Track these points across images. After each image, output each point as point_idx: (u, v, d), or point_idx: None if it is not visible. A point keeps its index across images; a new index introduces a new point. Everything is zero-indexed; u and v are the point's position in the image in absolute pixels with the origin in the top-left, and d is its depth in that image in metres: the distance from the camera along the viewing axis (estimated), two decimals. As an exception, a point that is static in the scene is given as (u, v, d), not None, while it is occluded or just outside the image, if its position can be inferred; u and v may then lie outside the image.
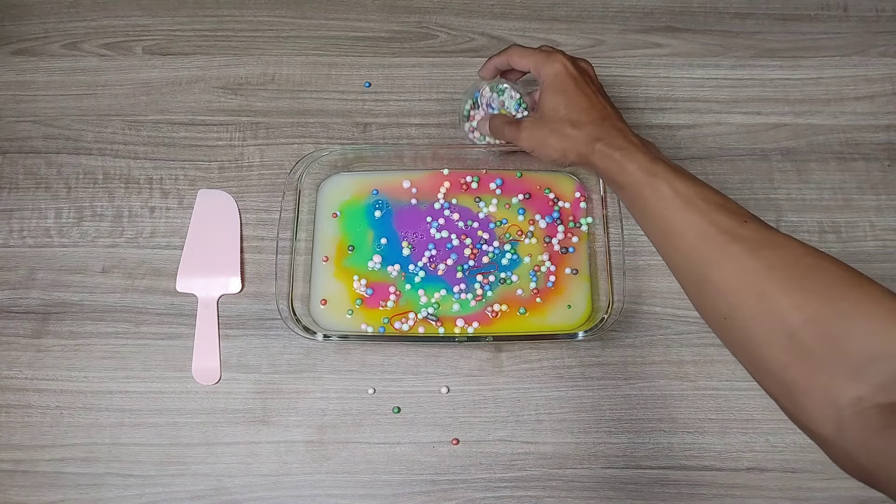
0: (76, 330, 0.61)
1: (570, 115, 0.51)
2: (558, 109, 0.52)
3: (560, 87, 0.52)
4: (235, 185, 0.66)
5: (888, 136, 0.69)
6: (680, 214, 0.43)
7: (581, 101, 0.52)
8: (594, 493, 0.57)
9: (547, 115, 0.52)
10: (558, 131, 0.51)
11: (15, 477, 0.57)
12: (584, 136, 0.50)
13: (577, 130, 0.50)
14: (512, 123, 0.55)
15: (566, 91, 0.52)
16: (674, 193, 0.44)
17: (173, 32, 0.72)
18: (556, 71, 0.53)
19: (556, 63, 0.53)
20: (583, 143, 0.50)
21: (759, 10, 0.74)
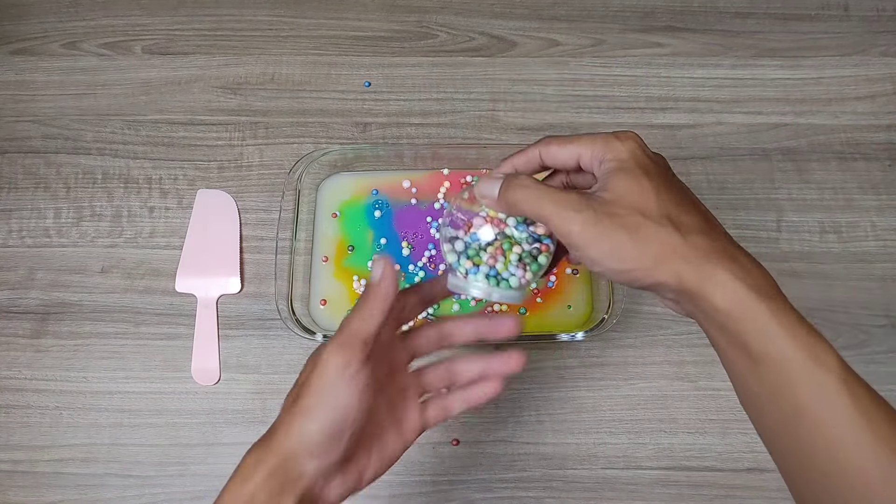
0: (75, 330, 0.61)
1: (667, 210, 0.34)
2: (648, 197, 0.34)
3: (644, 170, 0.36)
4: (235, 185, 0.66)
5: (889, 135, 0.68)
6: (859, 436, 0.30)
7: (679, 195, 0.36)
8: (594, 494, 0.57)
9: (621, 204, 0.34)
10: (643, 230, 0.33)
11: (14, 477, 0.57)
12: (691, 248, 0.33)
13: (680, 235, 0.33)
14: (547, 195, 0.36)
15: (658, 175, 0.36)
16: (852, 403, 0.30)
17: (173, 32, 0.72)
18: (633, 149, 0.37)
19: (630, 141, 0.37)
20: (685, 259, 0.33)
21: (760, 10, 0.74)
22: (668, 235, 0.33)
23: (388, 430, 0.40)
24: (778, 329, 0.31)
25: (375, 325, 0.36)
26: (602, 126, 0.68)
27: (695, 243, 0.33)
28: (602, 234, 0.34)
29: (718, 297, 0.32)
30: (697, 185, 0.66)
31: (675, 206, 0.35)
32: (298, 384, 0.37)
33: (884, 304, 0.62)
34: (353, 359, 0.35)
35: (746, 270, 0.33)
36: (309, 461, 0.35)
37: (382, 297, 0.37)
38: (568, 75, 0.70)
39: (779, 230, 0.65)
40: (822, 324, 0.61)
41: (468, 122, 0.68)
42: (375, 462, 0.39)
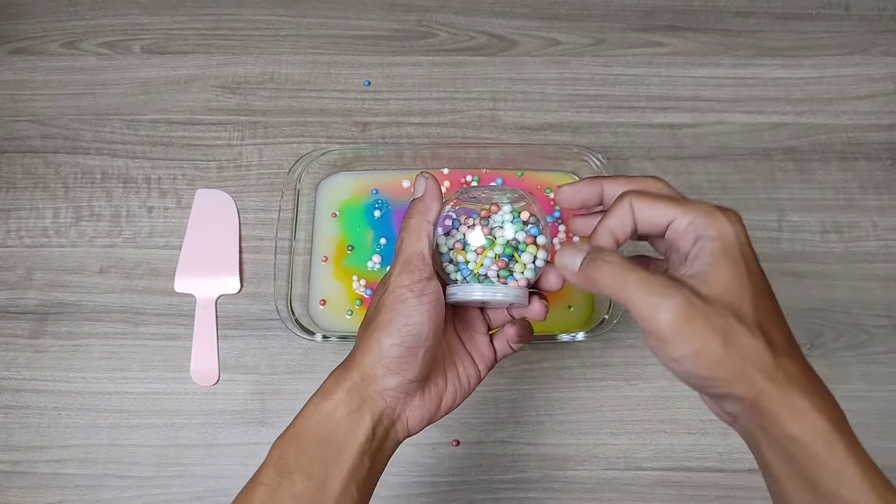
0: (74, 330, 0.61)
1: (761, 318, 0.31)
2: (745, 298, 0.31)
3: (746, 263, 0.32)
4: (234, 185, 0.66)
5: (890, 135, 0.68)
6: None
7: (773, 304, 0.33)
8: (595, 495, 0.57)
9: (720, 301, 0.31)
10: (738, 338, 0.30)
11: (13, 478, 0.57)
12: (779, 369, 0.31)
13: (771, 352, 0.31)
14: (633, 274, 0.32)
15: (758, 275, 0.32)
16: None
17: (172, 31, 0.72)
18: (738, 234, 0.32)
19: (738, 223, 0.33)
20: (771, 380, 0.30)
21: (761, 9, 0.73)
22: (760, 351, 0.30)
23: (463, 358, 0.42)
24: (855, 471, 0.29)
25: (426, 241, 0.38)
26: (602, 126, 0.68)
27: (783, 364, 0.31)
28: (693, 334, 0.30)
29: (796, 427, 0.30)
30: (698, 185, 0.66)
31: (768, 317, 0.32)
32: (371, 309, 0.39)
33: (885, 304, 0.62)
34: (416, 278, 0.37)
35: (826, 402, 0.31)
36: (387, 377, 0.36)
37: (426, 211, 0.38)
38: (568, 74, 0.70)
39: (780, 230, 0.65)
40: (823, 324, 0.61)
41: (468, 121, 0.68)
42: (452, 388, 0.41)
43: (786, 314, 0.65)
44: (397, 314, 0.36)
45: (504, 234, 0.40)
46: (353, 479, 0.36)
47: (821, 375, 0.62)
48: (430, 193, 0.39)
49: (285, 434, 0.37)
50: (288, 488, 0.35)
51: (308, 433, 0.36)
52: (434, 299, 0.37)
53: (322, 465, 0.35)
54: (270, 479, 0.35)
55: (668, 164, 0.67)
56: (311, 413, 0.36)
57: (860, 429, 0.60)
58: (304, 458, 0.35)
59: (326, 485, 0.35)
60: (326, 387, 0.37)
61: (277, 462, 0.36)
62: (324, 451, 0.35)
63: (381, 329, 0.37)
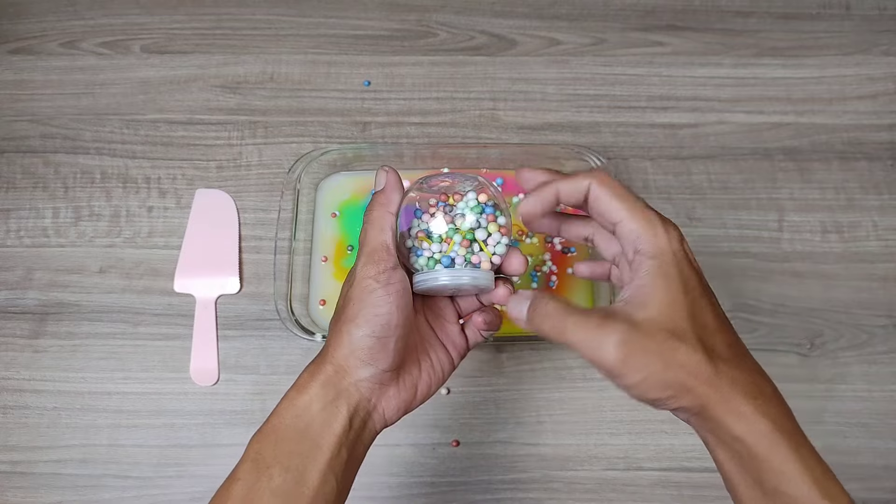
0: (73, 330, 0.61)
1: (699, 332, 0.33)
2: (681, 315, 0.33)
3: (686, 279, 0.33)
4: (234, 185, 0.66)
5: (891, 135, 0.68)
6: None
7: (712, 314, 0.34)
8: (595, 495, 0.57)
9: (655, 324, 0.33)
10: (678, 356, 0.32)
11: (12, 478, 0.57)
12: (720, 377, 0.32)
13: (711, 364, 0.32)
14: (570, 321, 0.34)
15: (694, 289, 0.33)
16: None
17: (171, 31, 0.72)
18: (676, 250, 0.34)
19: (676, 239, 0.34)
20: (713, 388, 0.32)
21: (761, 9, 0.73)
22: (701, 364, 0.32)
23: (436, 347, 0.42)
24: (796, 467, 0.31)
25: (390, 232, 0.38)
26: (603, 125, 0.68)
27: (723, 372, 0.32)
28: (635, 364, 0.32)
29: (739, 430, 0.32)
30: (699, 185, 0.66)
31: (707, 327, 0.33)
32: (340, 302, 0.39)
33: (885, 304, 0.62)
34: (381, 268, 0.37)
35: (770, 403, 0.32)
36: (361, 368, 0.37)
37: (387, 202, 0.39)
38: (568, 74, 0.70)
39: (780, 230, 0.65)
40: (824, 324, 0.61)
41: (468, 121, 0.68)
42: (426, 376, 0.41)
43: (786, 314, 0.65)
44: (365, 305, 0.37)
45: (465, 221, 0.40)
46: (331, 471, 0.36)
47: (821, 376, 0.62)
48: (390, 186, 0.40)
49: (262, 430, 0.37)
50: (266, 482, 0.35)
51: (284, 427, 0.36)
52: (401, 288, 0.37)
53: (299, 458, 0.35)
54: (248, 474, 0.35)
55: (668, 164, 0.67)
56: (287, 408, 0.37)
57: (860, 428, 0.60)
58: (281, 452, 0.35)
59: (304, 477, 0.35)
60: (301, 381, 0.37)
61: (255, 457, 0.36)
62: (301, 444, 0.36)
63: (350, 321, 0.37)
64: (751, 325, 0.61)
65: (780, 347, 0.61)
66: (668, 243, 0.34)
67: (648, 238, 0.34)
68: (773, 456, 0.31)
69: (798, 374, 0.60)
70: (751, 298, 0.62)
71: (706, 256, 0.63)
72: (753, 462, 0.32)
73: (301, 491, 0.35)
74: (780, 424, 0.32)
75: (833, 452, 0.57)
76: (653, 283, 0.33)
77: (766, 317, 0.62)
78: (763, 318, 0.62)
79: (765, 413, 0.32)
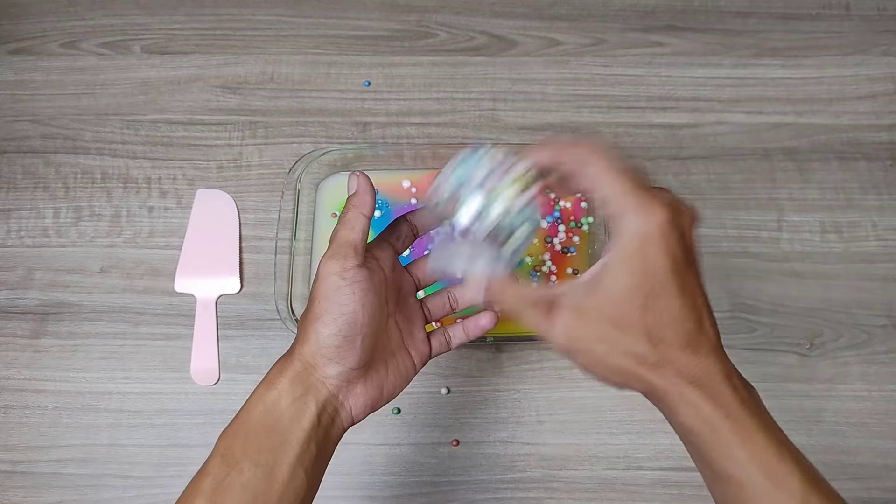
0: (74, 330, 0.61)
1: (649, 322, 0.33)
2: (632, 305, 0.33)
3: (650, 266, 0.32)
4: (234, 185, 0.66)
5: (890, 135, 0.68)
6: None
7: (673, 303, 0.33)
8: (595, 495, 0.57)
9: (608, 305, 0.33)
10: (619, 343, 0.33)
11: (13, 478, 0.57)
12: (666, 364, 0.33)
13: (654, 351, 0.33)
14: (538, 304, 0.35)
15: (656, 276, 0.32)
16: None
17: (172, 31, 0.72)
18: (650, 232, 0.32)
19: (659, 214, 0.32)
20: (657, 375, 0.33)
21: (761, 9, 0.73)
22: (644, 353, 0.33)
23: (401, 349, 0.43)
24: (742, 453, 0.32)
25: (360, 233, 0.39)
26: (602, 126, 0.68)
27: (671, 360, 0.33)
28: (581, 351, 0.34)
29: (685, 414, 0.33)
30: (698, 185, 0.66)
31: (663, 318, 0.33)
32: (309, 301, 0.39)
33: (885, 304, 0.62)
34: (347, 265, 0.37)
35: (721, 390, 0.33)
36: (328, 366, 0.37)
37: (361, 205, 0.40)
38: (568, 74, 0.70)
39: (780, 230, 0.65)
40: (823, 324, 0.61)
41: (468, 121, 0.68)
42: (393, 377, 0.41)
43: (786, 314, 0.65)
44: (331, 303, 0.37)
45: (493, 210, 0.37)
46: (300, 465, 0.36)
47: (820, 375, 0.63)
48: (363, 189, 0.40)
49: (231, 426, 0.37)
50: (236, 477, 0.35)
51: (254, 423, 0.36)
52: (367, 286, 0.38)
53: (269, 452, 0.36)
54: (218, 469, 0.35)
55: (669, 164, 0.67)
56: (256, 403, 0.37)
57: (860, 428, 0.60)
58: (250, 447, 0.36)
59: (274, 472, 0.35)
60: (270, 377, 0.38)
61: (224, 453, 0.36)
62: (270, 439, 0.36)
63: (317, 319, 0.37)
64: (750, 325, 0.61)
65: (779, 347, 0.61)
66: (643, 228, 0.32)
67: (623, 224, 0.32)
68: (718, 442, 0.32)
69: (798, 373, 0.60)
70: (750, 298, 0.62)
71: (706, 257, 0.62)
72: (701, 447, 0.33)
73: (271, 485, 0.35)
74: (730, 411, 0.32)
75: (833, 452, 0.58)
76: (611, 272, 0.33)
77: (765, 317, 0.62)
78: (763, 318, 0.62)
79: (712, 399, 0.32)
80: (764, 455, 0.32)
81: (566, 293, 0.35)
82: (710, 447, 0.33)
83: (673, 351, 0.33)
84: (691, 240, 0.34)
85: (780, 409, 0.61)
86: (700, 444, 0.33)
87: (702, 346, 0.33)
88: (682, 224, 0.33)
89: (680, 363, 0.33)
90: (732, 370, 0.34)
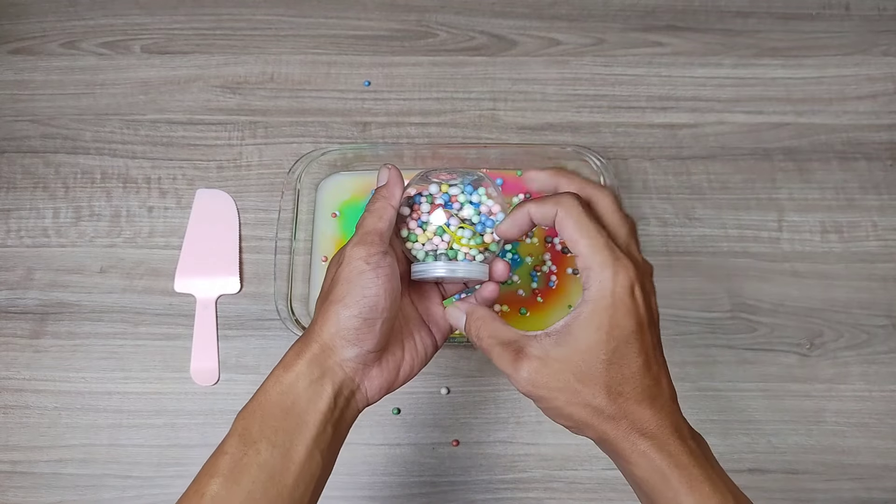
0: (74, 330, 0.61)
1: (611, 376, 0.35)
2: (596, 359, 0.35)
3: (616, 325, 0.35)
4: (234, 185, 0.66)
5: (891, 135, 0.68)
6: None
7: (635, 361, 0.35)
8: (595, 495, 0.57)
9: (574, 357, 0.35)
10: (579, 395, 0.35)
11: (13, 478, 0.57)
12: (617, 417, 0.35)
13: (612, 404, 0.35)
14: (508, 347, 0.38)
15: (622, 335, 0.35)
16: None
17: (172, 31, 0.72)
18: (617, 295, 0.35)
19: (622, 284, 0.35)
20: (612, 426, 0.35)
21: (761, 9, 0.73)
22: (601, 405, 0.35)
23: (420, 328, 0.43)
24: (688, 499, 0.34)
25: (387, 222, 0.40)
26: (603, 125, 0.68)
27: (626, 412, 0.35)
28: (542, 397, 0.36)
29: (635, 462, 0.35)
30: (698, 185, 0.66)
31: (623, 371, 0.35)
32: (327, 283, 0.40)
33: (885, 304, 0.62)
34: (373, 251, 0.38)
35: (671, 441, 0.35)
36: (346, 348, 0.38)
37: (389, 196, 0.41)
38: (568, 74, 0.70)
39: (780, 230, 0.65)
40: (823, 324, 0.61)
41: (468, 121, 0.68)
42: (409, 358, 0.42)
43: (786, 314, 0.65)
44: (354, 286, 0.37)
45: (463, 213, 0.42)
46: (316, 447, 0.37)
47: (821, 375, 0.63)
48: (393, 181, 0.41)
49: (248, 406, 0.38)
50: (253, 456, 0.35)
51: (271, 404, 0.37)
52: (390, 273, 0.38)
53: (285, 434, 0.36)
54: (235, 448, 0.36)
55: (669, 164, 0.67)
56: (274, 385, 0.37)
57: (860, 428, 0.60)
58: (268, 428, 0.36)
59: (290, 452, 0.36)
60: (287, 359, 0.38)
61: (242, 433, 0.36)
62: (287, 420, 0.36)
63: (338, 301, 0.38)
64: (750, 325, 0.61)
65: (779, 347, 0.61)
66: (613, 288, 0.35)
67: (594, 281, 0.35)
68: (667, 489, 0.34)
69: (798, 373, 0.60)
70: (751, 298, 0.62)
71: (706, 256, 0.63)
72: (651, 494, 0.35)
73: (287, 466, 0.36)
74: (679, 461, 0.34)
75: (833, 452, 0.58)
76: (580, 326, 0.36)
77: (765, 317, 0.62)
78: (763, 318, 0.62)
79: (662, 449, 0.34)
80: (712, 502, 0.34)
81: (535, 342, 0.37)
82: (659, 494, 0.34)
83: (630, 404, 0.35)
84: (653, 300, 0.37)
85: (780, 409, 0.61)
86: (650, 491, 0.35)
87: (657, 399, 0.36)
88: (646, 285, 0.36)
89: (635, 416, 0.35)
90: (683, 423, 0.36)
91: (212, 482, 0.35)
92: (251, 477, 0.35)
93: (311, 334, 0.38)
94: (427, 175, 0.44)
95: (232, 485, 0.35)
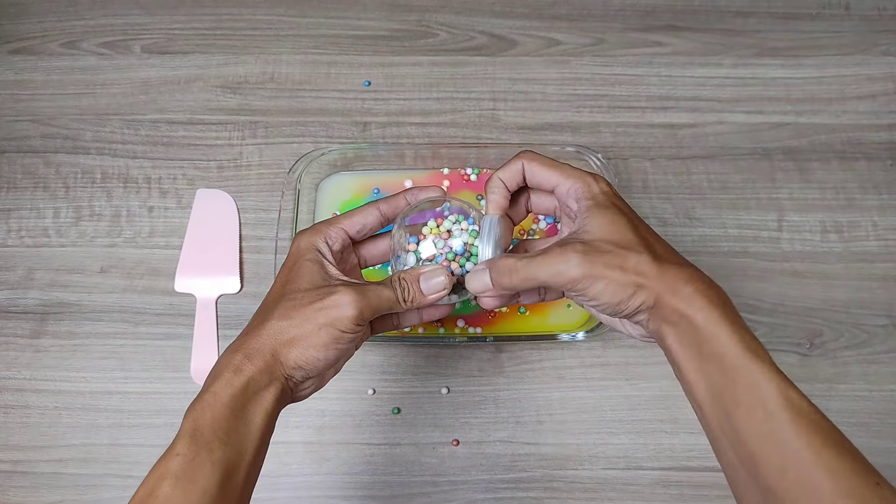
0: (74, 330, 0.61)
1: (643, 239, 0.39)
2: (623, 230, 0.39)
3: (617, 207, 0.40)
4: (234, 185, 0.66)
5: (890, 135, 0.68)
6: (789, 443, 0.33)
7: (646, 227, 0.41)
8: (595, 495, 0.57)
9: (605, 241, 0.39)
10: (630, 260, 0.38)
11: (13, 478, 0.57)
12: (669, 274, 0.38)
13: (658, 264, 0.38)
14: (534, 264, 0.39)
15: (623, 211, 0.40)
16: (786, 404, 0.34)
17: (172, 31, 0.72)
18: (605, 190, 0.41)
19: (603, 182, 0.42)
20: (664, 284, 0.37)
21: (761, 9, 0.73)
22: (649, 264, 0.38)
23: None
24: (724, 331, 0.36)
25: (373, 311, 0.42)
26: (603, 125, 0.68)
27: (667, 268, 0.38)
28: (597, 274, 0.38)
29: (682, 306, 0.37)
30: (698, 185, 0.66)
31: (650, 235, 0.40)
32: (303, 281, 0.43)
33: (885, 303, 0.62)
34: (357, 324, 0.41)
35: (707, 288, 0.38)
36: (299, 371, 0.41)
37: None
38: (568, 74, 0.70)
39: (780, 230, 0.65)
40: (823, 324, 0.61)
41: (468, 121, 0.68)
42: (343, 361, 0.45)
43: (786, 314, 0.65)
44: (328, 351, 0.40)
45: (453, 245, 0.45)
46: (263, 444, 0.39)
47: (821, 375, 0.63)
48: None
49: (197, 406, 0.39)
50: (207, 455, 0.36)
51: (221, 405, 0.38)
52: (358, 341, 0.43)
53: (236, 434, 0.38)
54: (187, 449, 0.37)
55: (668, 164, 0.67)
56: (225, 387, 0.39)
57: (860, 428, 0.60)
58: (220, 429, 0.37)
59: (242, 451, 0.38)
60: (237, 363, 0.40)
61: (193, 433, 0.37)
62: (237, 420, 0.38)
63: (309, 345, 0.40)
64: (751, 325, 0.61)
65: (779, 347, 0.61)
66: (598, 186, 0.41)
67: (581, 187, 0.41)
68: (708, 324, 0.36)
69: (798, 373, 0.60)
70: (751, 298, 0.62)
71: (706, 256, 0.63)
72: (693, 333, 0.37)
73: (240, 464, 0.38)
74: (714, 301, 0.37)
75: (833, 452, 0.58)
76: (593, 215, 0.40)
77: (765, 316, 0.62)
78: (763, 318, 0.62)
79: (702, 293, 0.37)
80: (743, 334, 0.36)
81: (566, 242, 0.39)
82: (701, 331, 0.36)
83: (666, 262, 0.38)
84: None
85: (780, 408, 0.61)
86: (692, 331, 0.37)
87: (682, 258, 0.40)
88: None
89: (673, 269, 0.38)
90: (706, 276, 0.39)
91: (163, 483, 0.36)
92: (206, 475, 0.36)
93: (268, 342, 0.40)
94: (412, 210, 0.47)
95: (187, 484, 0.36)
